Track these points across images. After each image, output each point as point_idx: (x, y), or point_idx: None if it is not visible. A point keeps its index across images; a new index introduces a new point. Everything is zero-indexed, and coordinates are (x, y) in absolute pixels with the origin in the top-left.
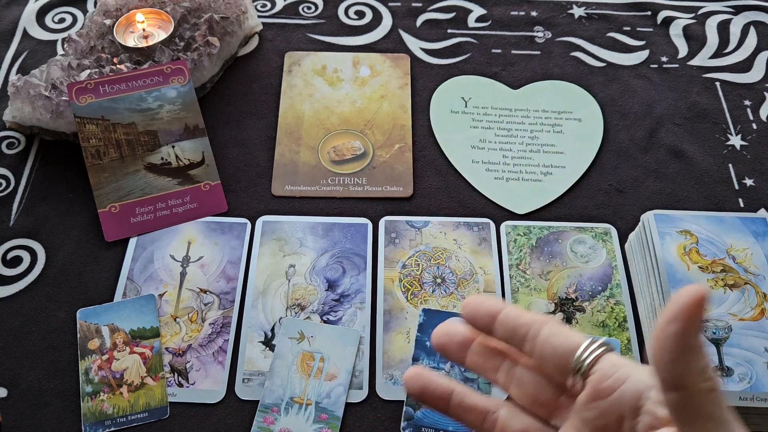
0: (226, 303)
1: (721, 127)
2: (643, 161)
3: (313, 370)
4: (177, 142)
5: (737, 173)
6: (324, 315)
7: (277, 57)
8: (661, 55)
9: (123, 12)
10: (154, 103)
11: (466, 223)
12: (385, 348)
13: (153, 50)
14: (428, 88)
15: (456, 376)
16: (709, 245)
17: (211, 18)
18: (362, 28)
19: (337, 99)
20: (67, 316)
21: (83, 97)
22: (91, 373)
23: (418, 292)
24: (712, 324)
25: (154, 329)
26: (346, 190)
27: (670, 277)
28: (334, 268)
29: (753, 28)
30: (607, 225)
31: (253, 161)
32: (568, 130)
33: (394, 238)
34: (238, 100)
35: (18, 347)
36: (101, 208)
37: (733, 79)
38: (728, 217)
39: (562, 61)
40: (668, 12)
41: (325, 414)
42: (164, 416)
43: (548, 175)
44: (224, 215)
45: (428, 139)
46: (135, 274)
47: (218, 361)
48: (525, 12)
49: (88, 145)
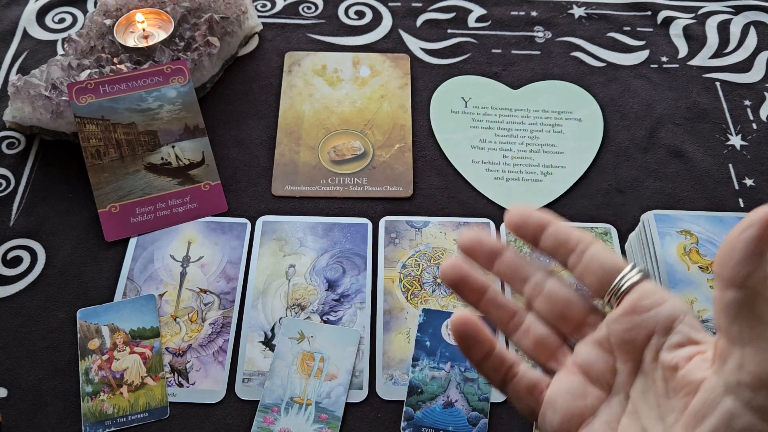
0: (226, 303)
1: (721, 127)
2: (643, 161)
3: (313, 370)
4: (177, 142)
5: (737, 173)
6: (324, 315)
7: (277, 57)
8: (661, 55)
9: (123, 12)
10: (154, 103)
11: (466, 223)
12: (385, 348)
13: (153, 50)
14: (428, 88)
15: (456, 376)
16: (709, 245)
17: (211, 18)
18: (362, 28)
19: (337, 99)
20: (67, 316)
21: (83, 97)
22: (91, 373)
23: (418, 292)
24: (712, 324)
25: (154, 329)
26: (346, 190)
27: (670, 277)
28: (334, 268)
29: (753, 28)
30: (607, 225)
31: (253, 161)
32: (568, 130)
33: (394, 238)
34: (238, 100)
35: (18, 347)
36: (101, 208)
37: (733, 79)
38: (728, 217)
39: (562, 61)
40: (668, 12)
41: (325, 414)
42: (164, 416)
43: (548, 175)
44: (224, 215)
45: (428, 139)
46: (135, 274)
47: (218, 361)
48: (525, 12)
49: (88, 145)
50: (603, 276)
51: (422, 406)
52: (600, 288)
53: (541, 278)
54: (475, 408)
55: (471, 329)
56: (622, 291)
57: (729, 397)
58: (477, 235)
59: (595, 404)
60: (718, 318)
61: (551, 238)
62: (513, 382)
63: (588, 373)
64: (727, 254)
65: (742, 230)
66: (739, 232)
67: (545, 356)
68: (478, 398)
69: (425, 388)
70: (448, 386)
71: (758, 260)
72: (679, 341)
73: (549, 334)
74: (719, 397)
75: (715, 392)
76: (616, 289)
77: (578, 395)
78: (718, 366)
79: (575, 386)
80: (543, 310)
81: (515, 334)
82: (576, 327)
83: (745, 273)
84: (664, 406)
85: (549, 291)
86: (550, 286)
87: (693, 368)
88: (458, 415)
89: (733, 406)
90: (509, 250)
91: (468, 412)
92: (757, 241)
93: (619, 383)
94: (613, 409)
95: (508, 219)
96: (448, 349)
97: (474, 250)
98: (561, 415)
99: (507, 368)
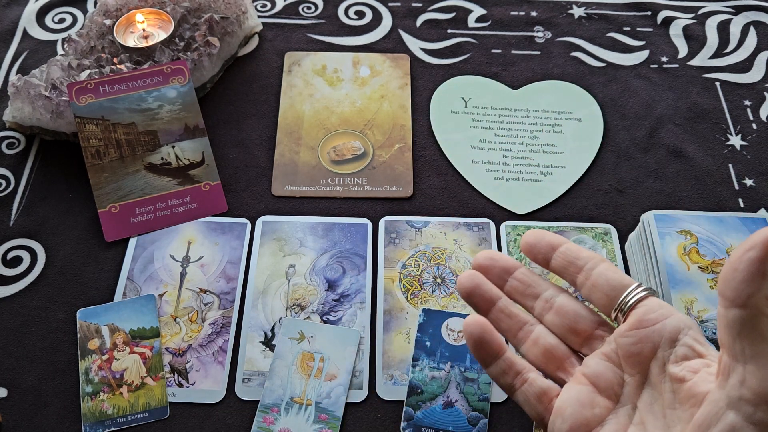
0: (226, 303)
1: (721, 127)
2: (643, 161)
3: (313, 370)
4: (177, 142)
5: (737, 173)
6: (324, 315)
7: (277, 57)
8: (661, 55)
9: (123, 12)
10: (154, 103)
11: (466, 223)
12: (385, 348)
13: (153, 50)
14: (428, 88)
15: (456, 376)
16: (709, 245)
17: (211, 18)
18: (362, 28)
19: (337, 99)
20: (67, 316)
21: (83, 97)
22: (91, 373)
23: (418, 292)
24: (712, 324)
25: (154, 329)
26: (346, 190)
27: (670, 277)
28: (334, 268)
29: (753, 28)
30: (607, 225)
31: (253, 161)
32: (568, 130)
33: (394, 238)
34: (238, 100)
35: (18, 347)
36: (101, 208)
37: (733, 79)
38: (728, 217)
39: (562, 61)
40: (668, 12)
41: (325, 414)
42: (164, 416)
43: (548, 175)
44: (224, 215)
45: (428, 139)
46: (135, 274)
47: (218, 361)
48: (525, 12)
49: (88, 145)
50: (610, 292)
51: (422, 406)
52: (607, 304)
53: (552, 294)
54: (475, 408)
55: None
56: (628, 306)
57: (731, 412)
58: (491, 253)
59: (603, 414)
60: (722, 335)
61: (561, 257)
62: (523, 388)
63: (596, 384)
64: (730, 274)
65: (745, 251)
66: (741, 253)
67: (553, 366)
68: (478, 398)
69: (425, 388)
70: (448, 386)
71: (760, 281)
72: (684, 354)
73: (558, 345)
74: (722, 411)
75: (718, 406)
76: (623, 304)
77: (587, 405)
78: (722, 380)
79: (584, 396)
80: (553, 324)
81: (524, 344)
82: (585, 340)
83: (747, 293)
84: (671, 417)
85: (559, 305)
86: (560, 301)
87: (699, 381)
88: (458, 415)
89: (735, 421)
90: (522, 268)
91: (468, 412)
92: (759, 262)
93: (626, 394)
94: (620, 419)
95: (523, 241)
96: (448, 349)
97: (488, 268)
98: (569, 424)
99: (516, 373)
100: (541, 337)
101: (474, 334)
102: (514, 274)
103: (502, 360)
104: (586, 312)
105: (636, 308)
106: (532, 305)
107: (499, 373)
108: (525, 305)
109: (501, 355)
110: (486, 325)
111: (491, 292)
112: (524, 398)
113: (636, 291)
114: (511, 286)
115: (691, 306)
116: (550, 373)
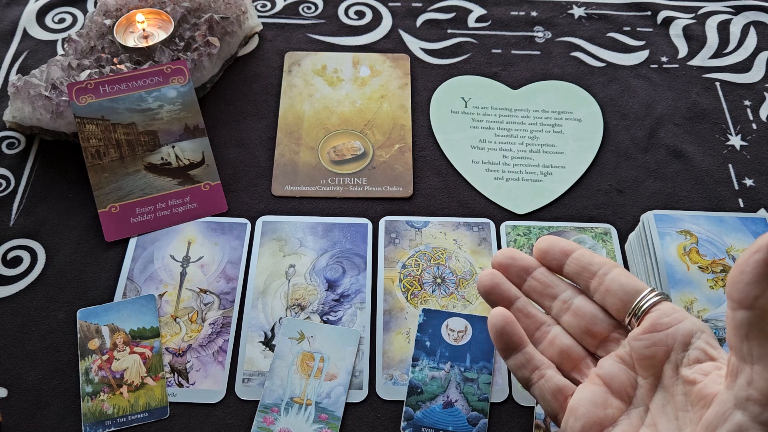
0: (226, 303)
1: (721, 127)
2: (643, 161)
3: (313, 370)
4: (177, 142)
5: (737, 173)
6: (324, 315)
7: (277, 57)
8: (661, 55)
9: (123, 12)
10: (154, 103)
11: (466, 223)
12: (385, 348)
13: (153, 50)
14: (428, 88)
15: (456, 376)
16: (709, 245)
17: (211, 18)
18: (362, 28)
19: (337, 99)
20: (67, 316)
21: (83, 97)
22: (91, 373)
23: (418, 292)
24: (712, 324)
25: (154, 329)
26: (346, 190)
27: (670, 277)
28: (334, 268)
29: (753, 28)
30: (607, 225)
31: (253, 161)
32: (568, 130)
33: (394, 238)
34: (238, 100)
35: (18, 347)
36: (101, 208)
37: (733, 79)
38: (728, 217)
39: (562, 61)
40: (668, 12)
41: (325, 414)
42: (164, 416)
43: (548, 175)
44: (224, 215)
45: (428, 139)
46: (135, 274)
47: (218, 361)
48: (525, 12)
49: (88, 145)
50: (624, 297)
51: (422, 406)
52: (621, 308)
53: (569, 295)
54: (475, 408)
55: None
56: (642, 311)
57: (739, 412)
58: (511, 252)
59: (616, 414)
60: (730, 336)
61: (574, 263)
62: (539, 383)
63: (610, 385)
64: (737, 276)
65: (752, 254)
66: (748, 256)
67: (569, 366)
68: (478, 398)
69: (425, 388)
70: (448, 386)
71: (767, 282)
72: (697, 357)
73: (574, 346)
74: (729, 411)
75: (726, 406)
76: (637, 308)
77: (600, 405)
78: (730, 381)
79: (597, 396)
80: (570, 325)
81: (541, 344)
82: (600, 342)
83: (754, 294)
84: (682, 419)
85: (577, 307)
86: (578, 302)
87: (709, 382)
88: (458, 415)
89: (742, 421)
90: (541, 268)
91: (468, 412)
92: (765, 265)
93: (639, 396)
94: (632, 420)
95: (536, 248)
96: (447, 349)
97: (507, 266)
98: (582, 423)
99: (534, 368)
100: (558, 338)
101: (497, 324)
102: (533, 274)
103: (522, 353)
104: (602, 314)
105: (650, 312)
106: (550, 305)
107: (518, 366)
108: (542, 305)
109: (521, 348)
110: (510, 317)
111: (510, 291)
112: (540, 393)
113: (650, 296)
114: (529, 286)
115: (691, 306)
116: (565, 372)
